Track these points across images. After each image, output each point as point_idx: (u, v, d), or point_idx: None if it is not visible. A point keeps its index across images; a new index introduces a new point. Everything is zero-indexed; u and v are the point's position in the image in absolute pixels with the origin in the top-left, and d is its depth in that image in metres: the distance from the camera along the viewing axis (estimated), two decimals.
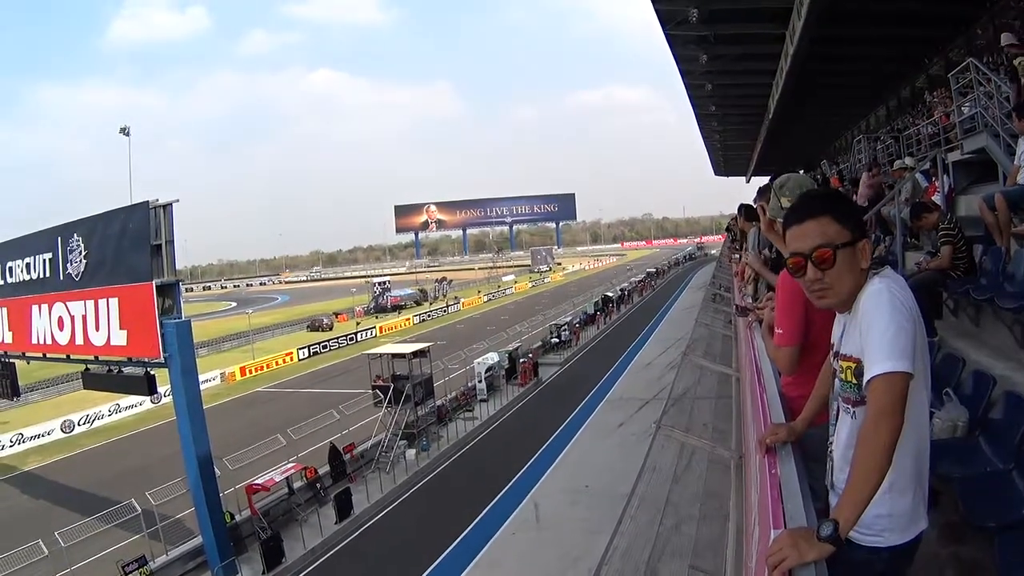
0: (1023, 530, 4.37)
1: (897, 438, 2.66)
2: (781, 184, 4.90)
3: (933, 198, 11.97)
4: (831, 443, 3.33)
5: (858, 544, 2.91)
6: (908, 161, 15.35)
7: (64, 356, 28.62)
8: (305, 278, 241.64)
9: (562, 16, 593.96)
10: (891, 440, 2.66)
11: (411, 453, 35.39)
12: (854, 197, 17.54)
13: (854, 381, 3.02)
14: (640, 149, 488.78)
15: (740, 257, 14.68)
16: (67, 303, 27.09)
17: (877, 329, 2.83)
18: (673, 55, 28.83)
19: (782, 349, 4.46)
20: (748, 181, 77.86)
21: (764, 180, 42.51)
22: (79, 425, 47.94)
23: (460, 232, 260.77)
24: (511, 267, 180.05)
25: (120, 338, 25.22)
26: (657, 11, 24.01)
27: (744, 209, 10.95)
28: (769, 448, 3.87)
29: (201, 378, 29.64)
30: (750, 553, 3.74)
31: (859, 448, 2.78)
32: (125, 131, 30.68)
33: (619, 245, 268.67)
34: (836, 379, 3.27)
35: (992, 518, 4.54)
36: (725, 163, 73.35)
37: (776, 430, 3.94)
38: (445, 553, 25.37)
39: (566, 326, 64.08)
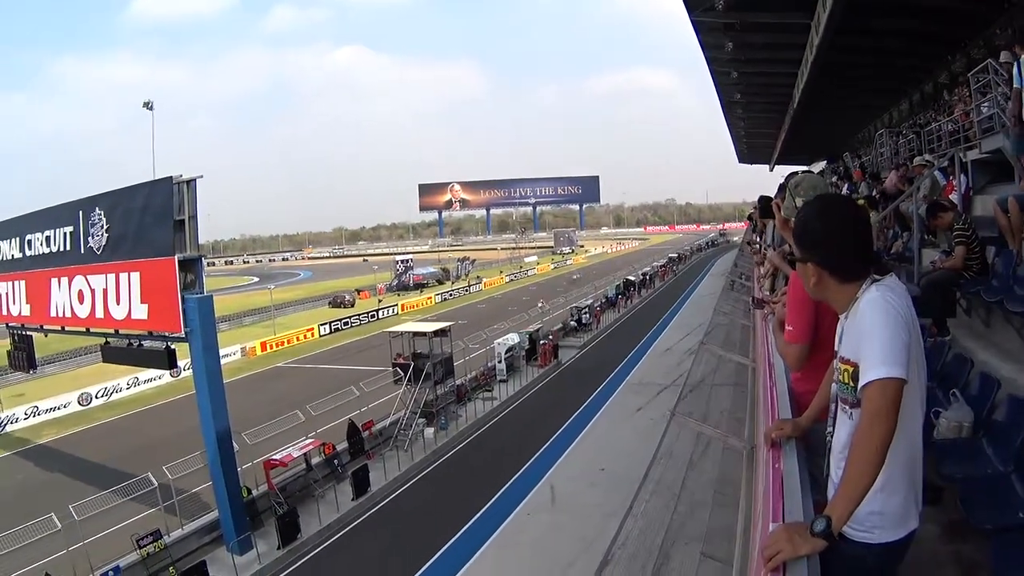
0: (1019, 533, 4.41)
1: (890, 441, 2.77)
2: (796, 184, 4.99)
3: (950, 197, 11.96)
4: (829, 439, 3.41)
5: (850, 539, 3.00)
6: (928, 158, 15.33)
7: (84, 329, 28.77)
8: (328, 254, 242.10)
9: None
10: (884, 443, 2.80)
11: (429, 432, 35.49)
12: (875, 193, 17.50)
13: (851, 384, 3.10)
14: (664, 134, 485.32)
15: (760, 247, 14.71)
16: (88, 276, 27.19)
17: (873, 335, 2.93)
18: (699, 42, 28.77)
19: (791, 346, 4.54)
20: (772, 170, 77.70)
21: (788, 169, 42.46)
22: (96, 398, 48.12)
23: (484, 212, 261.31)
24: (534, 248, 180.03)
25: (141, 312, 25.35)
26: None
27: (762, 203, 10.98)
28: (774, 442, 3.95)
29: (222, 352, 29.74)
30: (755, 544, 3.81)
31: (853, 449, 2.93)
32: (148, 105, 30.68)
33: (642, 229, 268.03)
34: (835, 380, 3.35)
35: (990, 520, 4.58)
36: (749, 151, 73.17)
37: (782, 425, 4.05)
38: (460, 532, 25.43)
39: (587, 309, 64.01)
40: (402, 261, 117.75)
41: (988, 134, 12.90)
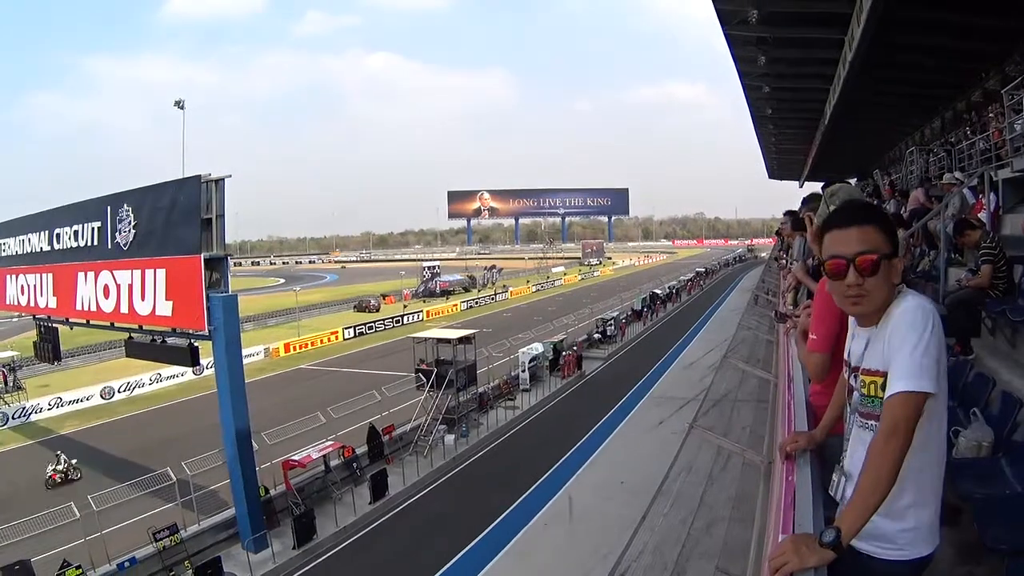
0: None
1: (905, 454, 2.71)
2: (832, 192, 5.02)
3: (979, 215, 11.85)
4: (843, 457, 3.32)
5: (880, 559, 2.97)
6: (957, 176, 15.22)
7: (108, 324, 28.97)
8: (355, 258, 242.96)
9: (621, 10, 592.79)
10: (901, 456, 2.73)
11: (450, 438, 35.51)
12: (903, 210, 17.38)
13: (880, 396, 2.99)
14: (695, 148, 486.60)
15: (786, 262, 14.59)
16: (114, 272, 27.38)
17: (907, 346, 2.85)
18: (732, 55, 28.63)
19: (813, 355, 4.56)
20: (801, 186, 76.98)
21: (817, 186, 42.30)
22: (119, 392, 48.70)
23: (512, 221, 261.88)
24: (561, 259, 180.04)
25: (165, 309, 25.46)
26: (717, 10, 23.85)
27: (791, 216, 10.92)
28: (789, 455, 3.90)
29: (245, 352, 29.90)
30: (767, 558, 3.77)
31: (868, 461, 2.84)
32: (180, 104, 30.81)
33: (670, 243, 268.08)
34: (855, 393, 3.25)
35: (1005, 541, 4.47)
36: (779, 166, 72.69)
37: (796, 437, 4.03)
38: (476, 540, 25.40)
39: (612, 321, 63.82)
40: (429, 267, 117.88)
41: (1020, 152, 12.79)
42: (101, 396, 47.44)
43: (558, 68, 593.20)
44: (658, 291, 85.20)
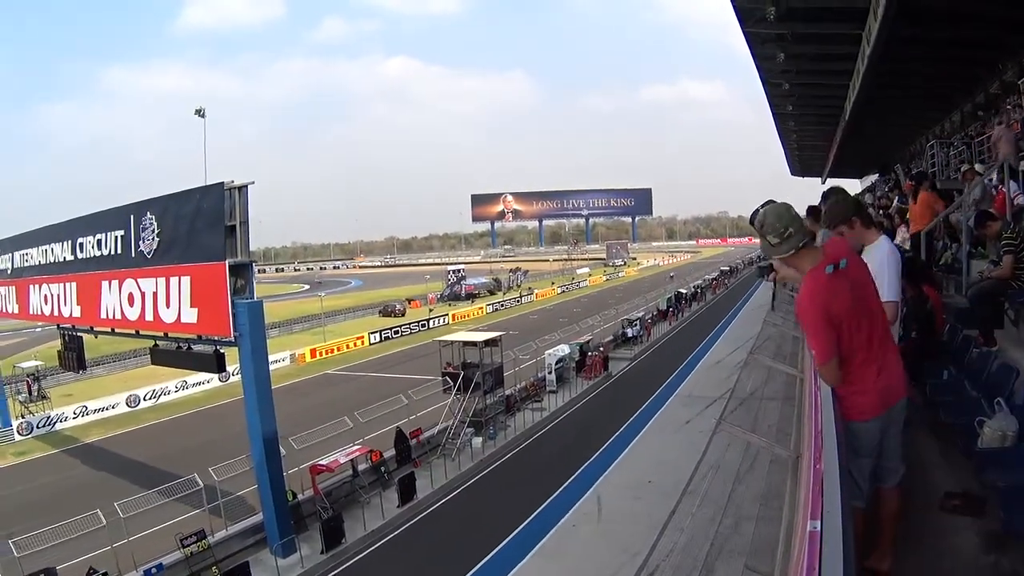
0: None
1: None
2: (760, 223, 4.76)
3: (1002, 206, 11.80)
4: None
5: None
6: (978, 167, 15.12)
7: (133, 331, 29.16)
8: (380, 263, 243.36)
9: (638, 8, 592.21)
10: None
11: (477, 441, 35.50)
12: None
13: None
14: (717, 146, 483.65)
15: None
16: (138, 280, 27.51)
17: None
18: (751, 53, 28.49)
19: (824, 367, 4.70)
20: (824, 182, 76.64)
21: (839, 182, 41.93)
22: (144, 400, 48.99)
23: (536, 223, 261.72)
24: (586, 260, 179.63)
25: (190, 316, 25.54)
26: (736, 8, 23.77)
27: (812, 211, 10.91)
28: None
29: (271, 358, 29.96)
30: (802, 551, 3.74)
31: None
32: (200, 113, 30.81)
33: (694, 242, 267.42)
34: None
35: None
36: (801, 163, 72.25)
37: None
38: (505, 542, 25.34)
39: (638, 321, 63.68)
40: (454, 271, 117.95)
41: None
42: (127, 404, 47.77)
43: (579, 70, 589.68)
44: (683, 290, 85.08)
